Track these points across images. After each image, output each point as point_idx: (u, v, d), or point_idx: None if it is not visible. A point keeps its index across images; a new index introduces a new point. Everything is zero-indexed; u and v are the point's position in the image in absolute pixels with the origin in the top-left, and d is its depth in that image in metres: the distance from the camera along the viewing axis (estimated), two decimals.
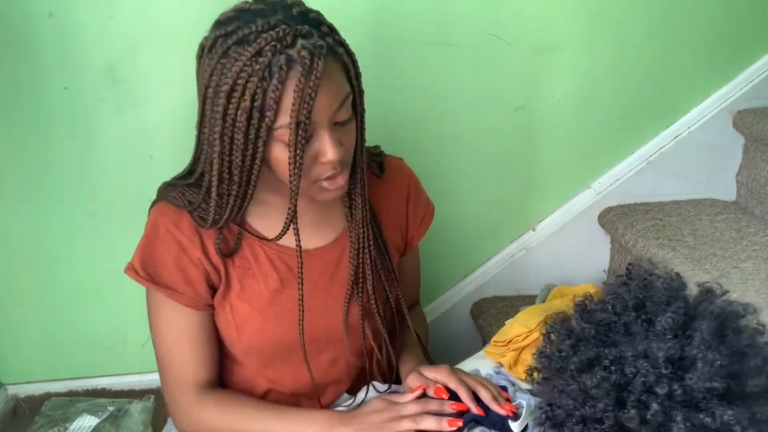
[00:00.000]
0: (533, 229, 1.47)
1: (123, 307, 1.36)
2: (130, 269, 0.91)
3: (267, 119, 0.76)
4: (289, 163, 0.78)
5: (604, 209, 1.45)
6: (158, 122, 1.26)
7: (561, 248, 1.47)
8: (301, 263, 0.89)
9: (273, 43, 0.75)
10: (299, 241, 0.87)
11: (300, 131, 0.76)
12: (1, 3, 1.17)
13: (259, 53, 0.75)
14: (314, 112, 0.77)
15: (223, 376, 1.00)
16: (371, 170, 0.99)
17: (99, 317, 1.38)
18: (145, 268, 0.90)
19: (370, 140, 1.00)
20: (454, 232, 1.43)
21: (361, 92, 0.85)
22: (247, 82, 0.75)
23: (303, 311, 0.91)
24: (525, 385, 1.06)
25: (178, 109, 1.24)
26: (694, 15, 1.36)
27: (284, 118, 0.76)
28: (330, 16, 0.89)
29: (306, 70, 0.74)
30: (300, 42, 0.75)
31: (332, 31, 0.80)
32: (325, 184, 0.84)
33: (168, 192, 0.92)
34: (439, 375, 0.91)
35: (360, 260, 0.93)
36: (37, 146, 1.26)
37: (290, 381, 0.99)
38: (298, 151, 0.77)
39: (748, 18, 1.38)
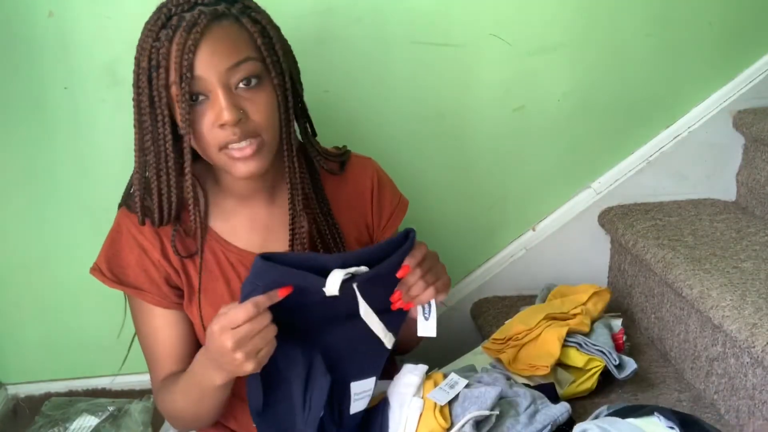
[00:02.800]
0: (533, 229, 1.47)
1: (123, 307, 1.36)
2: (96, 270, 0.94)
3: (161, 77, 0.80)
4: (179, 120, 0.81)
5: (604, 209, 1.45)
6: None
7: (561, 248, 1.47)
8: (202, 249, 0.91)
9: (172, 8, 0.81)
10: (202, 223, 0.90)
11: (183, 83, 0.79)
12: (1, 3, 1.17)
13: (158, 18, 0.81)
14: (198, 66, 0.79)
15: None
16: (323, 166, 0.98)
17: (99, 317, 1.38)
18: (111, 269, 0.93)
19: (371, 140, 1.00)
20: (454, 231, 1.43)
21: (276, 65, 0.85)
22: (144, 44, 0.81)
23: (200, 305, 0.92)
24: (522, 380, 1.07)
25: None
26: (694, 15, 1.36)
27: (173, 74, 0.80)
28: (330, 17, 0.90)
29: (189, 26, 0.79)
30: (198, 7, 0.81)
31: (247, 7, 0.84)
32: (230, 152, 0.83)
33: (128, 198, 0.94)
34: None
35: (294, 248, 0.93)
36: (37, 146, 1.26)
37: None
38: (183, 104, 0.80)
39: (748, 18, 1.38)
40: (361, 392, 0.89)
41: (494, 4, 1.29)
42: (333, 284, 0.78)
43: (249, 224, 0.96)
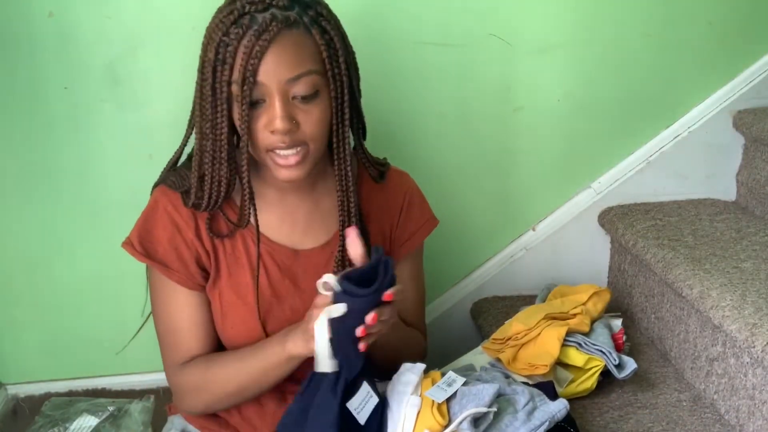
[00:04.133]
0: (533, 229, 1.47)
1: (123, 307, 1.36)
2: (128, 243, 0.94)
3: (225, 73, 0.81)
4: (237, 119, 0.83)
5: (604, 209, 1.45)
6: (158, 122, 1.26)
7: (561, 248, 1.47)
8: (259, 245, 0.93)
9: (247, 5, 0.81)
10: (257, 219, 0.91)
11: (245, 87, 0.80)
12: (1, 3, 1.18)
13: (231, 12, 0.81)
14: (261, 72, 0.81)
15: None
16: (367, 172, 1.01)
17: (99, 317, 1.38)
18: (142, 243, 0.93)
19: (370, 140, 1.00)
20: (454, 232, 1.43)
21: (338, 79, 0.86)
22: (214, 35, 0.81)
23: (258, 294, 0.94)
24: (521, 379, 1.07)
25: (178, 108, 1.23)
26: (694, 15, 1.36)
27: (236, 74, 0.81)
28: None
29: (259, 31, 0.79)
30: (272, 10, 0.81)
31: (320, 15, 0.84)
32: (276, 157, 0.86)
33: (168, 176, 0.96)
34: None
35: (340, 259, 0.95)
36: (37, 146, 1.26)
37: None
38: (243, 107, 0.81)
39: (748, 18, 1.38)
40: (358, 406, 0.89)
41: (494, 4, 1.29)
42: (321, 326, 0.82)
43: (284, 217, 0.97)
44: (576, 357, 1.10)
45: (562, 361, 1.10)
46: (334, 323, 0.81)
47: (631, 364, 1.11)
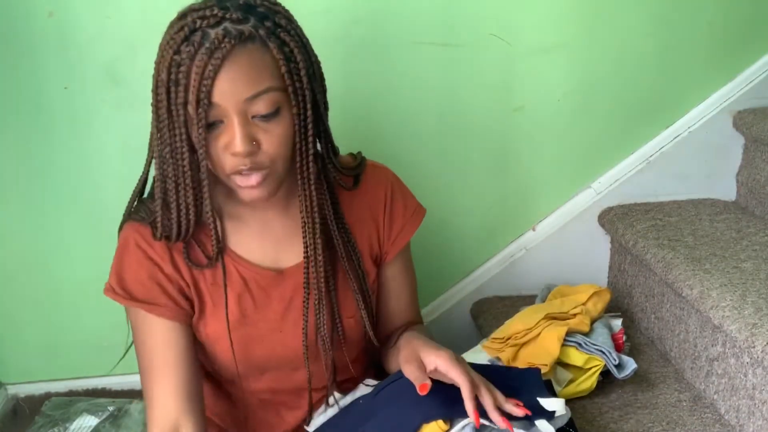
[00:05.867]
0: (533, 229, 1.47)
1: (123, 307, 1.36)
2: (109, 290, 0.89)
3: (179, 95, 0.76)
4: (195, 142, 0.78)
5: (604, 209, 1.45)
6: None
7: (561, 248, 1.47)
8: (224, 265, 0.90)
9: (197, 20, 0.75)
10: (219, 241, 0.88)
11: (200, 110, 0.76)
12: (1, 3, 1.18)
13: (182, 28, 0.76)
14: (217, 93, 0.75)
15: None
16: (339, 183, 0.93)
17: (99, 317, 1.38)
18: (123, 287, 0.88)
19: (370, 140, 1.00)
20: (455, 232, 1.43)
21: (299, 94, 0.80)
22: (165, 54, 0.76)
23: (227, 311, 0.90)
24: None
25: None
26: (694, 15, 1.36)
27: (191, 95, 0.76)
28: (330, 17, 0.89)
29: (211, 49, 0.74)
30: (225, 24, 0.75)
31: (278, 26, 0.78)
32: (238, 179, 0.81)
33: (137, 209, 0.91)
34: (440, 361, 0.81)
35: (310, 280, 0.90)
36: (36, 146, 1.27)
37: (268, 394, 0.99)
38: (200, 130, 0.77)
39: (748, 18, 1.38)
40: None
41: (494, 4, 1.29)
42: None
43: (261, 235, 0.93)
44: (576, 357, 1.10)
45: (562, 361, 1.10)
46: None
47: (631, 364, 1.11)
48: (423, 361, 0.83)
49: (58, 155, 1.27)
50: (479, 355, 1.11)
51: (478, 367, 0.87)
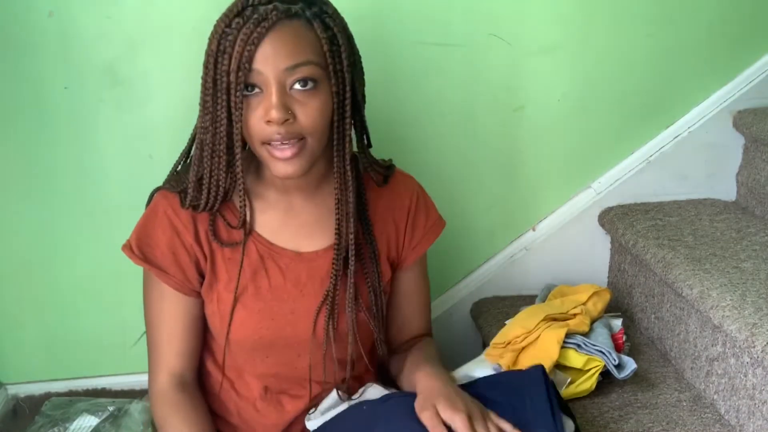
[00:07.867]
0: (533, 229, 1.47)
1: (123, 307, 1.36)
2: (126, 247, 0.94)
3: (224, 62, 0.81)
4: (232, 106, 0.82)
5: (604, 209, 1.45)
6: (158, 122, 1.26)
7: (561, 248, 1.47)
8: (245, 240, 0.93)
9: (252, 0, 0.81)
10: (246, 215, 0.92)
11: (240, 73, 0.80)
12: (1, 3, 1.18)
13: (236, 5, 0.81)
14: (258, 60, 0.80)
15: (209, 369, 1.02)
16: (370, 177, 0.99)
17: (99, 317, 1.38)
18: (140, 247, 0.93)
19: (371, 139, 1.00)
20: (454, 232, 1.43)
21: (339, 74, 0.84)
22: (218, 27, 0.82)
23: (238, 290, 0.94)
24: None
25: (178, 109, 1.24)
26: (694, 15, 1.36)
27: (234, 63, 0.81)
28: None
29: (258, 19, 0.79)
30: (274, 3, 0.81)
31: (324, 12, 0.84)
32: (271, 149, 0.84)
33: (169, 179, 0.96)
34: (456, 421, 0.82)
35: (340, 265, 0.93)
36: (36, 146, 1.27)
37: (271, 379, 1.00)
38: (237, 93, 0.81)
39: (748, 18, 1.38)
40: None
41: (494, 4, 1.29)
42: None
43: (285, 218, 0.96)
44: (575, 359, 1.10)
45: (561, 364, 1.10)
46: None
47: (630, 364, 1.11)
48: (440, 416, 0.84)
49: (58, 155, 1.27)
50: (483, 364, 1.10)
51: (483, 384, 0.90)
